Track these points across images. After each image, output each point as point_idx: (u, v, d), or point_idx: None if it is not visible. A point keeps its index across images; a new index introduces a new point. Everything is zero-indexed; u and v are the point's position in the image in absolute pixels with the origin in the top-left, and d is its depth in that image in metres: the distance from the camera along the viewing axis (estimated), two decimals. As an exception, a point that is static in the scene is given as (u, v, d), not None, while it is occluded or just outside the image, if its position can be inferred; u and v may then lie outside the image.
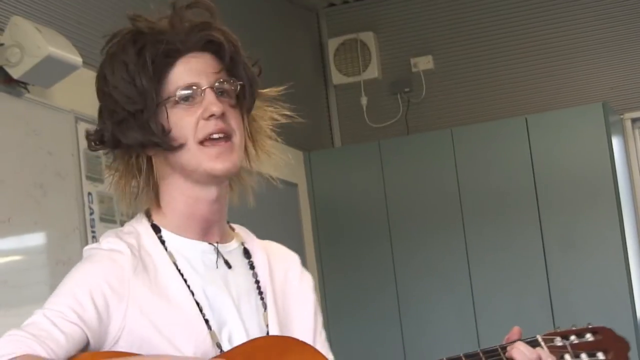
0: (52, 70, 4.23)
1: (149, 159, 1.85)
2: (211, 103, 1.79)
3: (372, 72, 6.76)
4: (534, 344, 1.91)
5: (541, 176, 6.08)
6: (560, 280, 5.99)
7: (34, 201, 4.24)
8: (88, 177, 4.55)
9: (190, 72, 1.81)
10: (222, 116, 1.80)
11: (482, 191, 6.17)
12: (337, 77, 6.83)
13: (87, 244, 1.90)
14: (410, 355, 6.10)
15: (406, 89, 6.73)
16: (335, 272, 6.41)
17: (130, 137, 1.80)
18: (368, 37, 6.77)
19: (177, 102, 1.79)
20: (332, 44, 6.83)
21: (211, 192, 1.83)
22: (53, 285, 1.74)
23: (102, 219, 4.55)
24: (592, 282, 5.92)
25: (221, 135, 1.80)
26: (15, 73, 4.13)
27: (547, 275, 6.02)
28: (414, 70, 6.72)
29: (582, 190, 6.01)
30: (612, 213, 5.95)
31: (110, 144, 1.83)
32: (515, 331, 1.93)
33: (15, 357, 1.60)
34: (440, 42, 6.71)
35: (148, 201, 1.87)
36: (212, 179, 1.81)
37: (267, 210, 5.62)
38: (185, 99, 1.80)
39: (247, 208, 1.93)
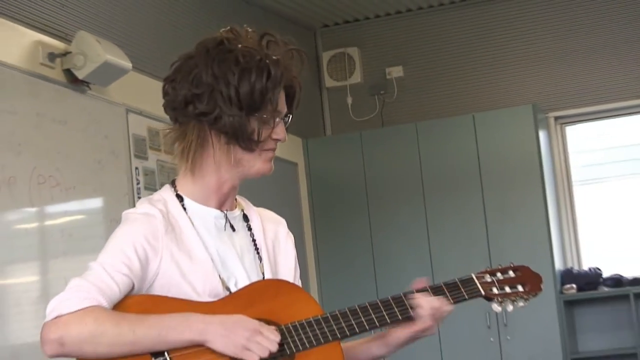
0: (108, 73, 4.25)
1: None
2: (283, 131, 1.82)
3: (356, 78, 6.71)
4: (454, 287, 1.88)
5: (484, 161, 6.05)
6: (497, 240, 5.98)
7: (94, 173, 4.27)
8: (136, 156, 4.56)
9: (281, 100, 1.82)
10: None
11: (439, 172, 6.14)
12: (329, 82, 6.79)
13: (134, 207, 1.92)
14: (382, 298, 6.10)
15: (382, 92, 6.70)
16: (326, 236, 6.35)
17: (228, 120, 1.76)
18: (353, 51, 6.74)
19: (262, 118, 1.78)
20: (326, 56, 6.79)
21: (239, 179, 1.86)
22: (108, 238, 1.77)
23: (145, 188, 4.57)
24: (521, 241, 5.90)
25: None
26: (80, 75, 4.18)
27: (487, 236, 6.00)
28: (388, 77, 6.68)
29: (515, 172, 5.99)
30: (537, 190, 5.94)
31: (210, 119, 1.76)
32: (421, 281, 1.91)
33: (87, 307, 1.64)
34: (409, 56, 6.68)
35: (187, 166, 1.82)
36: (255, 175, 1.83)
37: (273, 185, 5.66)
38: (271, 119, 1.79)
39: (258, 182, 1.93)
